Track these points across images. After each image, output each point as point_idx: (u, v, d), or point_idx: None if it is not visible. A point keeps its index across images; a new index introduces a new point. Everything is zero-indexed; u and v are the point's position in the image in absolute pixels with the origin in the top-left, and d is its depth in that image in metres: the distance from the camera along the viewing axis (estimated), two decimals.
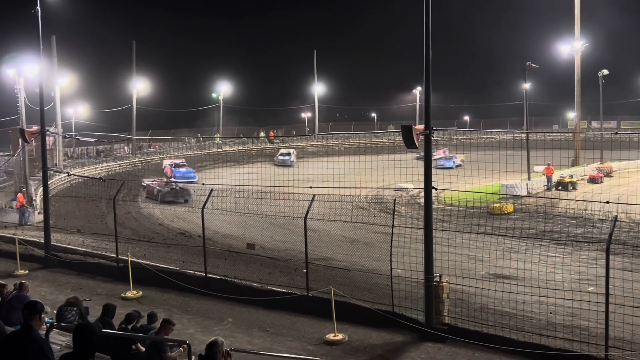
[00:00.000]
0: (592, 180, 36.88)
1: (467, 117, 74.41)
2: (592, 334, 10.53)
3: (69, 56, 45.12)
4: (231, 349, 5.77)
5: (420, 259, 11.61)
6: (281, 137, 61.68)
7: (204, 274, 14.52)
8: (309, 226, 13.50)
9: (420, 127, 11.32)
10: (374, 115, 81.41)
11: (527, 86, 40.18)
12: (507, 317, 11.42)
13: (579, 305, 10.77)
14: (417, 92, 68.22)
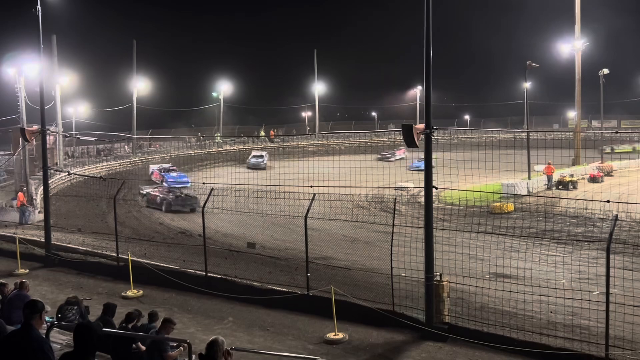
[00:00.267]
0: (593, 179, 36.92)
1: (467, 116, 74.37)
2: (592, 333, 10.53)
3: (70, 55, 45.32)
4: (232, 348, 5.78)
5: (420, 258, 11.60)
6: (282, 136, 61.65)
7: (204, 273, 14.52)
8: (310, 225, 13.48)
9: (420, 126, 11.35)
10: (375, 114, 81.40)
11: (528, 85, 40.20)
12: (508, 317, 11.42)
13: (579, 304, 10.76)
14: (418, 91, 68.19)
